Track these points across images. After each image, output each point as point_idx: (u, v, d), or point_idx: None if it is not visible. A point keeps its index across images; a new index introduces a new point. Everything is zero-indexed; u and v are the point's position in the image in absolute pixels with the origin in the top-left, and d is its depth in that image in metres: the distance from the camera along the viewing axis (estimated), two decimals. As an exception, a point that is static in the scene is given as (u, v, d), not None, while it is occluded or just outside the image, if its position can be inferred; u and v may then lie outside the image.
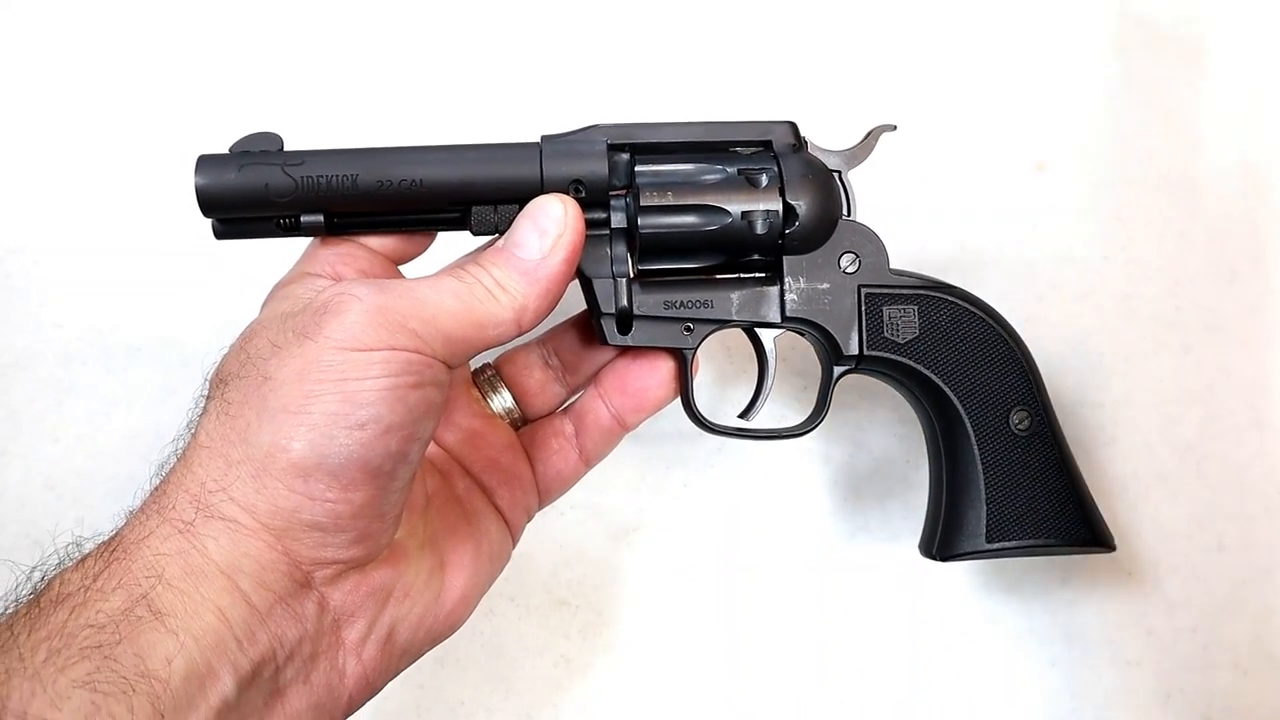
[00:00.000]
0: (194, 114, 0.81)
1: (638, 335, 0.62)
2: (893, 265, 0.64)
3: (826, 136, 0.64)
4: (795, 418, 0.78)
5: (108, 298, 0.79)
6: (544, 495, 0.66)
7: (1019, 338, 0.65)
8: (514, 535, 0.64)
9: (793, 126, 0.63)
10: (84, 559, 0.48)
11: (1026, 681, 0.78)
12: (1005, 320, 0.65)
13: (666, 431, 0.78)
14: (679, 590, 0.79)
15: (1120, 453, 0.79)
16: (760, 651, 0.78)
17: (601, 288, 0.60)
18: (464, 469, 0.63)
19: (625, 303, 0.60)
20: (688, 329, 0.62)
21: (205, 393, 0.53)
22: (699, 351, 0.63)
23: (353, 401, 0.49)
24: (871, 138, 0.64)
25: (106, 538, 0.49)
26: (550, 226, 0.56)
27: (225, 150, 0.57)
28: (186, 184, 0.55)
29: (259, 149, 0.56)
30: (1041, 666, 0.78)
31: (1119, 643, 0.78)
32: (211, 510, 0.49)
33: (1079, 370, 0.80)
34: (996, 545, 0.63)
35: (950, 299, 0.64)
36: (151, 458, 0.53)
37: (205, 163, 0.56)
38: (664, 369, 0.64)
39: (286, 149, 0.57)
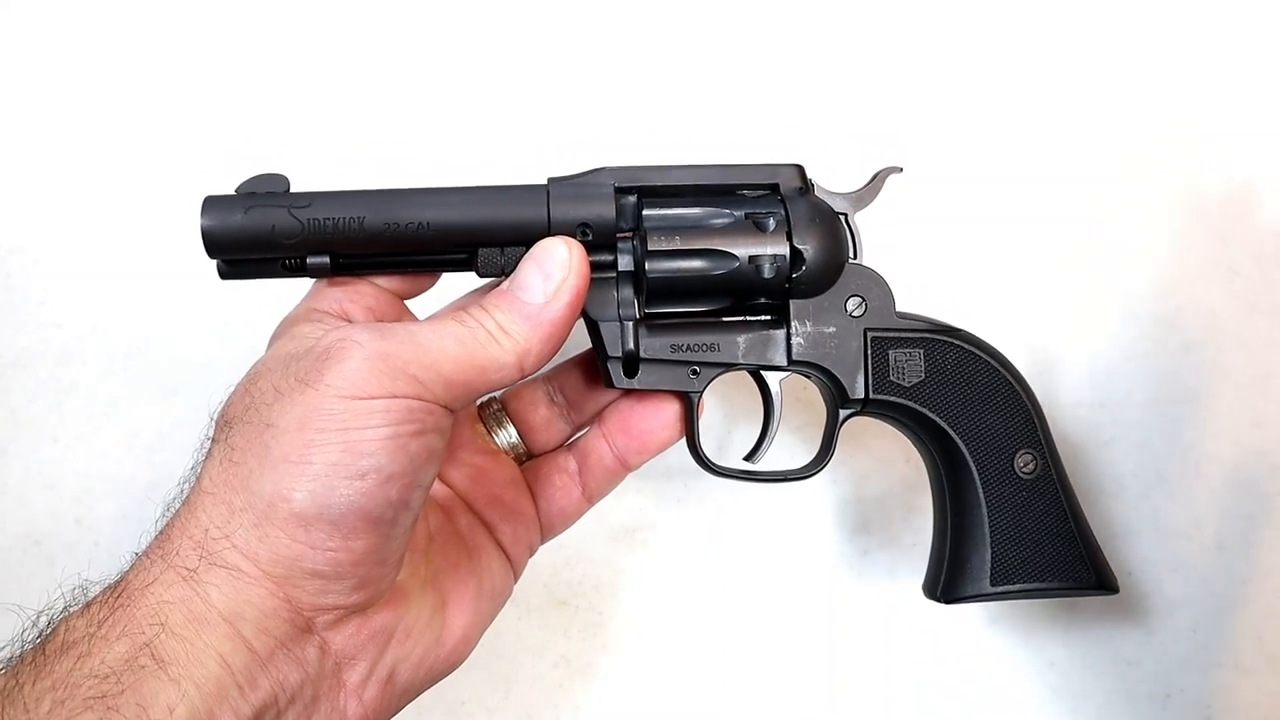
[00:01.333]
0: (194, 115, 0.81)
1: (644, 379, 0.61)
2: (899, 308, 0.63)
3: (833, 178, 0.63)
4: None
5: (108, 298, 0.79)
6: (546, 531, 0.66)
7: (1024, 380, 0.65)
8: (516, 571, 0.64)
9: (800, 169, 0.62)
10: (89, 604, 0.48)
11: (1027, 682, 0.78)
12: (1011, 363, 0.65)
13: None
14: (679, 590, 0.79)
15: (1120, 453, 0.79)
16: (760, 651, 0.78)
17: (608, 331, 0.60)
18: (467, 505, 0.63)
19: (632, 346, 0.60)
20: (694, 372, 0.61)
21: (210, 434, 0.53)
22: (704, 393, 0.62)
23: (354, 451, 0.49)
24: (878, 180, 0.63)
25: (112, 582, 0.50)
26: (555, 270, 0.55)
27: (231, 190, 0.56)
28: (186, 186, 0.56)
29: (265, 190, 0.56)
30: (1041, 666, 0.78)
31: (1119, 643, 0.78)
32: (214, 558, 0.49)
33: (1079, 370, 0.80)
34: (1000, 589, 0.63)
35: (956, 343, 0.64)
36: (152, 458, 0.53)
37: (211, 204, 0.55)
38: (668, 411, 0.63)
39: (293, 190, 0.57)
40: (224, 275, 0.58)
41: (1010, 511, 0.64)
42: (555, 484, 0.66)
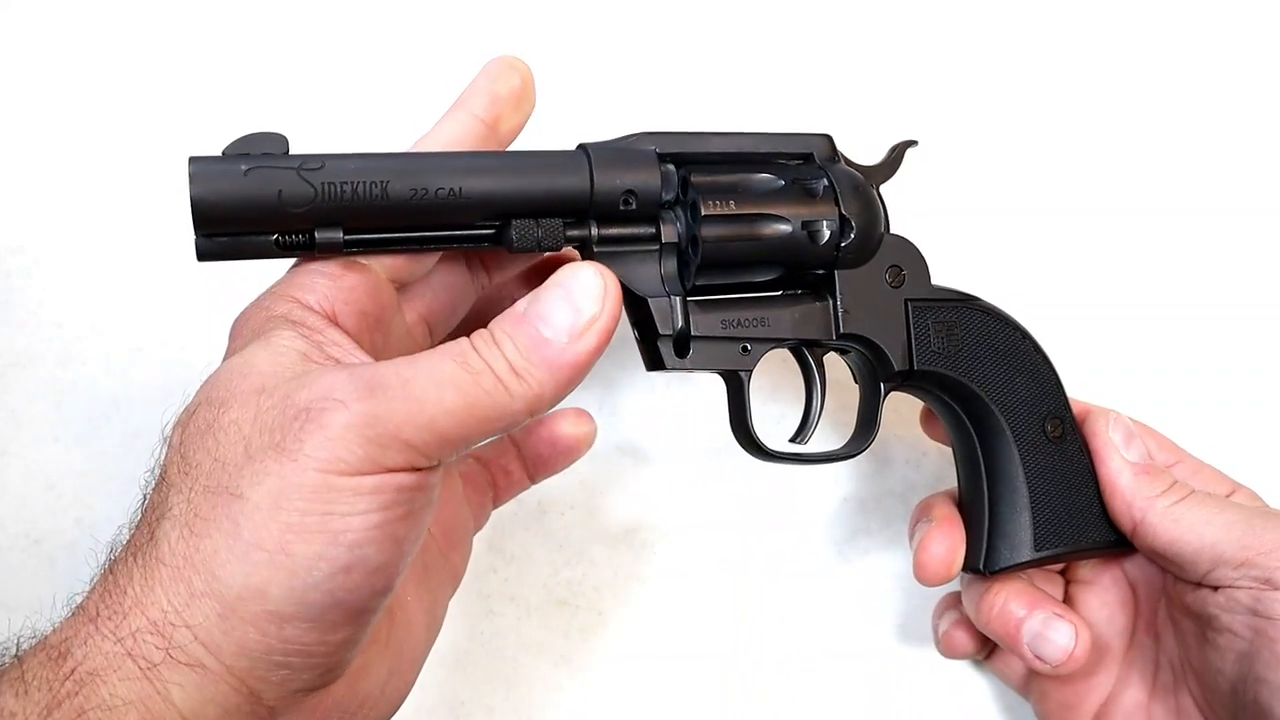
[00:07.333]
0: (195, 113, 0.81)
1: (695, 358, 0.58)
2: None
3: (848, 151, 0.63)
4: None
5: (108, 298, 0.79)
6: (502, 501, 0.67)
7: (1040, 346, 0.66)
8: (438, 617, 0.61)
9: (829, 139, 0.61)
10: (24, 676, 0.43)
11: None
12: (1028, 330, 0.66)
13: (666, 431, 0.78)
14: (680, 590, 0.79)
15: (1120, 452, 0.79)
16: (761, 651, 0.78)
17: (658, 307, 0.56)
18: None
19: (682, 323, 0.57)
20: (745, 349, 0.59)
21: (162, 460, 0.48)
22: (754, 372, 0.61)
23: (338, 543, 0.43)
24: (896, 153, 0.63)
25: (51, 643, 0.44)
26: (586, 304, 0.48)
27: (218, 153, 0.49)
28: (186, 185, 0.54)
29: (261, 151, 0.48)
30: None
31: (1119, 642, 0.78)
32: (178, 652, 0.43)
33: (1079, 370, 0.80)
34: (1045, 553, 0.64)
35: (983, 310, 0.65)
36: (152, 458, 0.53)
37: (202, 168, 0.47)
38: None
39: (291, 152, 0.49)
40: (203, 255, 0.49)
41: (1045, 475, 0.64)
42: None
